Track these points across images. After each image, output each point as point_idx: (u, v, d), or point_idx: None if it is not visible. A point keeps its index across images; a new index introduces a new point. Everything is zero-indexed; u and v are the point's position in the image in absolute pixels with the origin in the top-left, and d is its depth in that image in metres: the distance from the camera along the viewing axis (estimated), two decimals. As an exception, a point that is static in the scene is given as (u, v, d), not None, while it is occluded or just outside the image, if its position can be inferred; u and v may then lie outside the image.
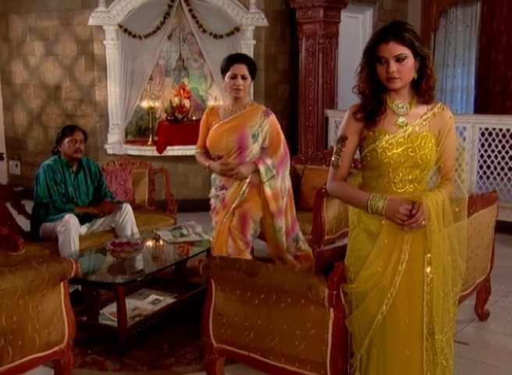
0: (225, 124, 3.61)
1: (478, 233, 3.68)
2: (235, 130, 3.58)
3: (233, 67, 3.56)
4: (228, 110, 3.67)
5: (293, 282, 2.67)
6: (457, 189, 2.54)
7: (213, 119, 3.67)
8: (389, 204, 2.38)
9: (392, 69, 2.33)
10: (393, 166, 2.42)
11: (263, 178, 3.60)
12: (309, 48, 7.20)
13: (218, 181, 3.70)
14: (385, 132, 2.42)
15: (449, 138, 2.46)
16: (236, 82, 3.55)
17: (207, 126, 3.69)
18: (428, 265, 2.42)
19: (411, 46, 2.33)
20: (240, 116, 3.61)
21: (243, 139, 3.58)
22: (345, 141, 2.48)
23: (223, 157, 3.63)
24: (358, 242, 2.52)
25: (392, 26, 2.34)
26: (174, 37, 7.21)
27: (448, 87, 9.16)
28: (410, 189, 2.47)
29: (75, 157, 4.72)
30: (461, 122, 6.28)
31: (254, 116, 3.63)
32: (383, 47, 2.32)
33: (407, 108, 2.45)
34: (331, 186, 2.57)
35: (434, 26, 8.98)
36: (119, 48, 6.91)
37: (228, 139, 3.58)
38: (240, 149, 3.59)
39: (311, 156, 5.78)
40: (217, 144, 3.63)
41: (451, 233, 2.49)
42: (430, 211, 2.37)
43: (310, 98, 7.29)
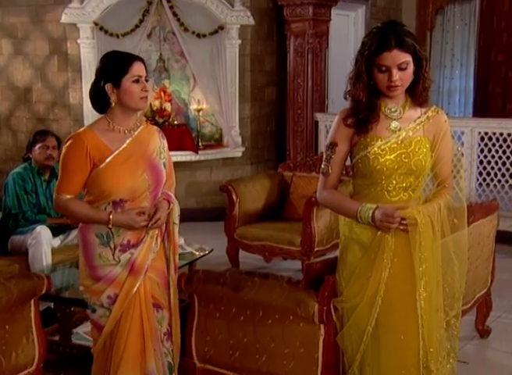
0: (125, 154, 2.69)
1: (478, 244, 3.71)
2: (144, 161, 2.73)
3: (134, 67, 2.69)
4: (115, 131, 2.72)
5: (281, 297, 2.68)
6: (455, 197, 2.57)
7: (97, 149, 2.66)
8: (376, 211, 2.41)
9: (395, 78, 2.36)
10: (386, 173, 2.44)
11: (174, 219, 2.89)
12: (298, 48, 7.24)
13: (119, 239, 2.73)
14: (377, 137, 2.45)
15: (444, 143, 2.50)
16: (144, 88, 2.70)
17: (89, 162, 2.66)
18: (421, 287, 2.45)
19: (413, 52, 2.38)
20: (139, 140, 2.75)
21: (158, 172, 2.78)
22: (335, 148, 2.51)
23: (126, 202, 2.71)
24: (350, 254, 2.54)
25: (393, 32, 2.36)
26: (154, 36, 7.22)
27: (445, 89, 9.24)
28: (405, 197, 2.50)
29: (47, 164, 4.70)
30: (459, 126, 6.34)
31: (153, 138, 2.82)
32: (386, 55, 2.34)
33: (401, 111, 2.48)
34: (321, 195, 2.60)
35: (430, 24, 9.05)
36: (95, 48, 6.89)
37: (141, 175, 2.71)
38: (156, 187, 2.79)
39: (300, 163, 5.81)
40: (124, 186, 2.68)
41: (448, 244, 2.53)
42: (419, 225, 2.40)
43: (299, 101, 7.33)
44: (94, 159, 2.65)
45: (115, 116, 2.71)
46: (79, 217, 2.76)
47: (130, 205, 2.72)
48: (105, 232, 2.72)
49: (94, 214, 2.70)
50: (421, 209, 2.42)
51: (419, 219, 2.39)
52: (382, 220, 2.39)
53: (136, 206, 2.72)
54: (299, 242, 4.91)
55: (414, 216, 2.39)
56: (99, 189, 2.68)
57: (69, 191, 2.71)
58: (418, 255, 2.43)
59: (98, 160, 2.65)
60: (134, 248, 2.75)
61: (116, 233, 2.73)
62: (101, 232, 2.73)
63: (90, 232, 2.75)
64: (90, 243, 2.74)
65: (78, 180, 2.69)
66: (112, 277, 2.74)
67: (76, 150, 2.65)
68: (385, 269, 2.45)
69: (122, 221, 2.69)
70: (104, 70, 2.69)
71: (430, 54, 9.05)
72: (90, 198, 2.73)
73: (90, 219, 2.71)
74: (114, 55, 2.75)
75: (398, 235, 2.44)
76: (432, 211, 2.44)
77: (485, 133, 6.37)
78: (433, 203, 2.47)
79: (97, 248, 2.73)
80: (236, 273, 3.73)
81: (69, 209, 2.73)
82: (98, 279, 2.75)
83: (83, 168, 2.66)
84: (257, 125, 7.63)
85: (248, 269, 5.00)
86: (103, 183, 2.66)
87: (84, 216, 2.72)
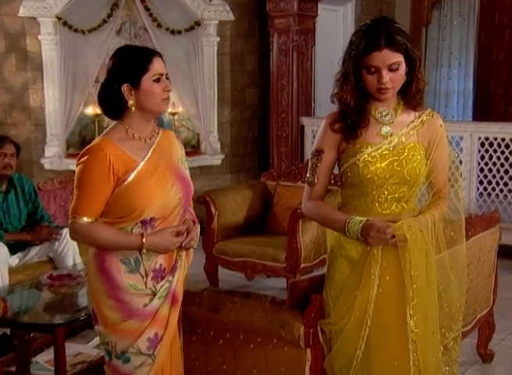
0: (152, 164, 2.55)
1: (478, 259, 3.73)
2: (171, 171, 2.60)
3: (155, 64, 2.54)
4: (135, 140, 2.57)
5: (264, 319, 2.69)
6: (453, 208, 2.60)
7: (122, 161, 2.50)
8: (366, 226, 2.42)
9: (385, 79, 2.38)
10: (377, 182, 2.46)
11: (196, 242, 2.74)
12: (282, 46, 7.29)
13: (150, 263, 2.57)
14: (367, 144, 2.48)
15: (440, 149, 2.53)
16: (166, 87, 2.58)
17: (113, 177, 2.49)
18: (411, 315, 2.45)
19: (405, 51, 2.40)
20: (161, 148, 2.62)
21: (187, 183, 2.66)
22: (321, 155, 2.53)
23: (157, 221, 2.56)
24: (338, 271, 2.56)
25: (383, 29, 2.38)
26: (124, 33, 7.23)
27: (442, 91, 9.32)
28: (397, 209, 2.52)
29: (4, 174, 4.68)
30: (458, 130, 6.40)
31: (174, 145, 2.71)
32: (375, 55, 2.36)
33: (392, 115, 2.51)
34: (306, 206, 2.62)
35: (426, 19, 9.14)
36: (58, 45, 6.87)
37: (172, 188, 2.58)
38: (186, 201, 2.66)
39: (285, 171, 5.84)
40: (156, 202, 2.53)
41: (444, 260, 2.56)
42: (408, 242, 2.41)
43: (283, 103, 7.37)
44: (119, 173, 2.47)
45: (133, 122, 2.55)
46: (104, 244, 2.53)
47: (162, 224, 2.55)
48: (134, 257, 2.53)
49: (123, 239, 2.51)
50: (412, 223, 2.44)
51: (408, 235, 2.41)
52: (373, 236, 2.41)
53: (167, 225, 2.56)
54: (283, 258, 4.92)
55: (403, 231, 2.41)
56: (126, 208, 2.48)
57: (90, 214, 2.49)
58: (409, 274, 2.44)
59: (123, 174, 2.47)
60: (171, 274, 2.59)
61: (146, 258, 2.55)
62: (128, 257, 2.53)
63: (113, 258, 2.53)
64: (115, 272, 2.52)
65: (100, 199, 2.49)
66: (150, 312, 2.52)
67: (97, 164, 2.45)
68: (373, 287, 2.47)
69: (157, 244, 2.52)
70: (119, 69, 2.51)
71: (426, 52, 9.13)
72: (111, 219, 2.51)
73: (120, 245, 2.52)
74: (129, 50, 2.61)
75: (387, 250, 2.46)
76: (424, 224, 2.46)
77: (486, 138, 6.42)
78: (426, 215, 2.49)
79: (125, 276, 2.52)
80: (214, 293, 3.73)
81: (92, 236, 2.51)
82: (130, 314, 2.51)
83: (106, 184, 2.47)
84: (237, 130, 7.65)
85: (228, 287, 5.00)
86: (132, 201, 2.47)
87: (112, 242, 2.51)
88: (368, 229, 2.41)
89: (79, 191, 2.51)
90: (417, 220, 2.47)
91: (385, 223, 2.42)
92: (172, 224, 2.58)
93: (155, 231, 2.53)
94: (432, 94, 9.15)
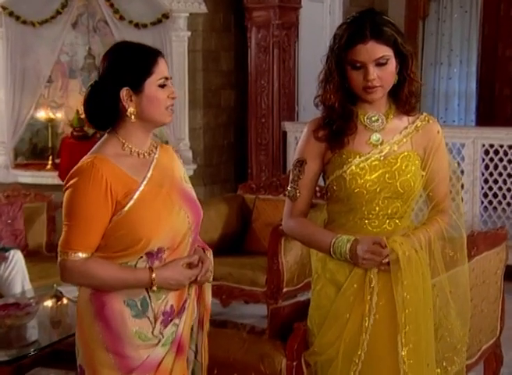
0: (154, 184, 2.43)
1: (482, 282, 3.73)
2: (177, 192, 2.49)
3: (160, 66, 2.43)
4: (132, 156, 2.43)
5: (241, 350, 2.69)
6: (454, 224, 2.61)
7: (120, 182, 2.36)
8: (354, 246, 2.42)
9: (372, 76, 2.39)
10: (367, 197, 2.47)
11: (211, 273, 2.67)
12: (261, 42, 7.31)
13: (160, 304, 2.42)
14: (354, 153, 2.48)
15: (437, 158, 2.55)
16: (171, 93, 2.45)
17: (111, 202, 2.34)
18: (403, 344, 2.45)
19: (394, 44, 2.41)
20: (162, 165, 2.49)
21: (195, 205, 2.54)
22: (303, 166, 2.54)
23: (165, 252, 2.42)
24: (323, 297, 2.56)
25: (369, 20, 2.40)
26: (81, 26, 7.22)
27: (442, 92, 9.39)
28: (390, 227, 2.52)
29: None
30: (459, 137, 6.45)
31: (175, 162, 2.60)
32: (360, 48, 2.38)
33: (383, 121, 2.52)
34: (287, 224, 2.63)
35: (423, 12, 9.21)
36: (4, 38, 6.86)
37: (180, 212, 2.45)
38: (196, 227, 2.53)
39: (265, 183, 5.85)
40: (164, 229, 2.39)
41: (443, 284, 2.56)
42: (400, 260, 2.42)
43: (262, 107, 7.39)
44: (118, 196, 2.32)
45: (130, 135, 2.41)
46: (105, 284, 2.36)
47: (170, 256, 2.41)
48: (140, 297, 2.38)
49: (128, 275, 2.34)
50: (404, 241, 2.45)
51: (400, 252, 2.41)
52: (366, 258, 2.41)
53: (177, 257, 2.42)
54: (264, 281, 4.92)
55: (396, 250, 2.41)
56: (129, 238, 2.33)
57: (85, 248, 2.33)
58: (401, 297, 2.45)
59: (123, 197, 2.33)
60: (178, 316, 2.45)
61: (155, 297, 2.39)
62: (134, 298, 2.37)
63: (114, 300, 2.37)
64: (117, 317, 2.35)
65: (97, 229, 2.33)
66: (153, 364, 2.38)
67: (91, 186, 2.29)
68: (370, 316, 2.47)
69: (169, 279, 2.37)
70: (118, 69, 2.37)
71: (423, 49, 9.20)
72: (110, 254, 2.35)
73: (125, 283, 2.35)
74: (131, 47, 2.45)
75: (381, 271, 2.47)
76: (418, 242, 2.47)
77: (491, 145, 6.47)
78: (418, 233, 2.50)
79: (130, 322, 2.35)
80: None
81: (90, 274, 2.33)
82: (130, 370, 2.36)
83: (103, 211, 2.31)
84: (211, 137, 7.65)
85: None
86: (136, 229, 2.31)
87: (116, 280, 2.34)
88: (360, 250, 2.40)
89: (70, 220, 2.33)
90: (410, 237, 2.47)
91: (378, 240, 2.42)
92: (182, 255, 2.44)
93: (165, 264, 2.38)
94: (429, 95, 9.21)
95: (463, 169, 6.29)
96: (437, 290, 2.58)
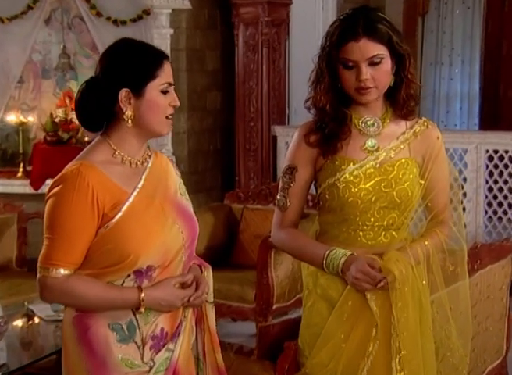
0: (146, 195, 2.39)
1: (487, 298, 3.74)
2: (170, 205, 2.46)
3: (166, 69, 2.39)
4: (123, 164, 2.39)
5: (228, 372, 2.67)
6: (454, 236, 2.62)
7: (108, 192, 2.31)
8: (349, 261, 2.42)
9: (365, 76, 2.40)
10: (361, 207, 2.48)
11: (209, 296, 2.59)
12: (249, 41, 7.33)
13: (149, 327, 2.38)
14: (348, 160, 2.49)
15: (437, 166, 2.56)
16: (174, 101, 2.41)
17: (97, 214, 2.29)
18: (397, 371, 2.45)
19: (389, 43, 2.42)
20: (155, 175, 2.46)
21: (191, 219, 2.56)
22: (294, 174, 2.55)
23: (155, 270, 2.37)
24: (315, 314, 2.56)
25: (362, 17, 2.42)
26: (54, 22, 7.21)
27: (443, 94, 9.42)
28: (386, 240, 2.53)
29: None
30: (461, 142, 6.47)
31: (170, 172, 2.57)
32: (352, 46, 2.40)
33: (379, 125, 2.53)
34: (277, 235, 2.64)
35: (422, 8, 9.25)
36: (-30, 36, 6.87)
37: (173, 226, 2.43)
38: (191, 243, 2.54)
39: (254, 192, 5.85)
40: (154, 244, 2.35)
41: (443, 300, 2.57)
42: (396, 279, 2.41)
43: (251, 110, 7.40)
44: (105, 208, 2.27)
45: (123, 141, 2.37)
46: (88, 304, 2.31)
47: (161, 274, 2.36)
48: (126, 320, 2.33)
49: (114, 294, 2.29)
50: (399, 257, 2.45)
51: (397, 272, 2.41)
52: (359, 278, 2.41)
53: (169, 276, 2.37)
54: (252, 297, 4.92)
55: (392, 270, 2.41)
56: (116, 254, 2.27)
57: (68, 263, 2.27)
58: (396, 319, 2.44)
59: (111, 209, 2.28)
60: (173, 340, 2.39)
61: (143, 320, 2.34)
62: (119, 321, 2.32)
63: (99, 323, 2.32)
64: (101, 342, 2.31)
65: (81, 243, 2.28)
66: None
67: (76, 195, 2.25)
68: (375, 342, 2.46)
69: (159, 300, 2.33)
70: (119, 68, 2.34)
71: (422, 47, 9.24)
72: (94, 270, 2.30)
73: (110, 303, 2.30)
74: (136, 46, 2.41)
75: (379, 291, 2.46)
76: (415, 257, 2.47)
77: (495, 151, 6.51)
78: (416, 246, 2.51)
79: (115, 348, 2.30)
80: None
81: (73, 293, 2.28)
82: None
83: (88, 223, 2.26)
84: (196, 142, 7.65)
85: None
86: (124, 244, 2.26)
87: (100, 300, 2.29)
88: (353, 269, 2.41)
89: (51, 232, 2.29)
90: (404, 253, 2.47)
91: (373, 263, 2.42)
92: (174, 274, 2.40)
93: (155, 283, 2.34)
94: (429, 97, 9.23)
95: (465, 177, 6.32)
96: (436, 306, 2.59)
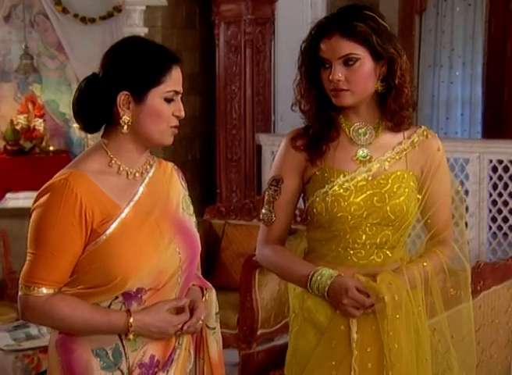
0: (141, 211, 2.37)
1: (491, 322, 3.74)
2: (169, 222, 2.42)
3: (174, 75, 2.35)
4: (119, 175, 2.36)
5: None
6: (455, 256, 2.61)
7: (98, 205, 2.29)
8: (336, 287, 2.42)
9: (335, 76, 2.42)
10: (351, 223, 2.47)
11: (210, 319, 2.57)
12: (231, 41, 7.33)
13: (136, 355, 2.37)
14: (338, 171, 2.49)
15: (438, 180, 2.56)
16: (177, 111, 2.38)
17: (85, 229, 2.28)
18: None
19: (366, 42, 2.43)
20: (155, 187, 2.44)
21: (192, 238, 2.48)
22: (280, 185, 2.55)
23: (146, 293, 2.35)
24: (302, 340, 2.56)
25: (341, 14, 2.46)
26: (15, 20, 7.21)
27: (442, 99, 9.44)
28: (379, 259, 2.53)
29: None
30: (462, 151, 6.48)
31: (173, 183, 2.54)
32: (325, 43, 2.43)
33: (372, 134, 2.54)
34: (261, 253, 2.64)
35: (419, 5, 9.28)
36: None
37: (169, 246, 2.38)
38: (190, 264, 2.46)
39: (236, 206, 5.86)
40: (146, 266, 2.32)
41: (443, 327, 2.57)
42: (387, 305, 2.42)
43: (233, 116, 7.40)
44: (94, 223, 2.25)
45: (120, 148, 2.34)
46: (72, 326, 2.29)
47: (153, 297, 2.34)
48: (112, 346, 2.32)
49: (100, 318, 2.27)
50: (393, 280, 2.45)
51: (387, 297, 2.41)
52: (346, 304, 2.41)
53: (162, 299, 2.34)
54: (235, 322, 4.91)
55: (382, 293, 2.41)
56: (103, 274, 2.26)
57: (51, 282, 2.27)
58: (388, 348, 2.44)
59: (100, 224, 2.26)
60: (163, 370, 2.38)
61: (132, 347, 2.33)
62: (104, 346, 2.31)
63: (82, 348, 2.32)
64: (84, 369, 2.30)
65: (66, 260, 2.26)
66: None
67: (62, 207, 2.23)
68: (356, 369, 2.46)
69: (149, 326, 2.30)
70: (121, 68, 2.31)
71: (420, 48, 9.27)
72: (80, 290, 2.29)
73: (95, 326, 2.28)
74: (143, 46, 2.38)
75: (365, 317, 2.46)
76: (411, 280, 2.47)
77: (499, 161, 6.53)
78: (413, 267, 2.51)
79: None
80: None
81: (55, 314, 2.27)
82: None
83: (75, 238, 2.25)
84: (173, 151, 7.62)
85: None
86: (112, 264, 2.24)
87: (84, 322, 2.27)
88: (340, 293, 2.41)
89: (35, 248, 2.27)
90: (400, 275, 2.47)
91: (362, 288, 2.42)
92: (168, 297, 2.37)
93: (147, 307, 2.31)
94: (428, 103, 9.25)
95: (467, 189, 6.32)
96: (438, 334, 2.58)
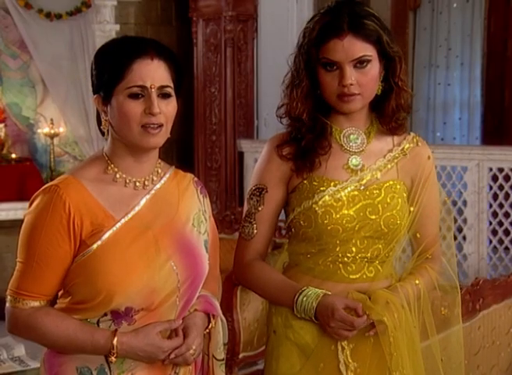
0: (138, 225, 2.35)
1: (492, 344, 3.74)
2: (170, 238, 2.40)
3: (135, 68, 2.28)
4: (118, 183, 2.36)
5: None
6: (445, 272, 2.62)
7: (89, 215, 2.29)
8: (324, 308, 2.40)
9: (349, 80, 2.39)
10: (342, 236, 2.47)
11: (216, 350, 2.61)
12: (210, 39, 7.37)
13: None
14: (328, 180, 2.48)
15: (428, 191, 2.56)
16: (148, 108, 2.30)
17: (73, 239, 2.30)
18: None
19: (377, 42, 2.42)
20: (161, 200, 2.42)
21: (196, 257, 2.47)
22: (263, 195, 2.54)
23: (138, 313, 2.34)
24: (284, 363, 2.55)
25: (348, 10, 2.41)
26: (-28, 16, 7.22)
27: (438, 102, 9.47)
28: (370, 274, 2.53)
29: None
30: (460, 158, 6.50)
31: (187, 196, 2.51)
32: (335, 44, 2.39)
33: (364, 141, 2.53)
34: (240, 270, 2.67)
35: (414, 1, 9.33)
36: None
37: (165, 264, 2.36)
38: (191, 285, 2.45)
39: (216, 218, 5.78)
40: (136, 284, 2.31)
41: (433, 349, 2.56)
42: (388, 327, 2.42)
43: (213, 121, 7.42)
44: (82, 234, 2.27)
45: (115, 154, 2.36)
46: (55, 342, 2.31)
47: (146, 318, 2.33)
48: (97, 366, 2.32)
49: (85, 337, 2.26)
50: (390, 298, 2.44)
51: (386, 317, 2.40)
52: (336, 327, 2.40)
53: (156, 320, 2.34)
54: (215, 345, 4.91)
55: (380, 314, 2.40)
56: (87, 288, 2.28)
57: (37, 294, 2.29)
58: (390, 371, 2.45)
59: (89, 235, 2.27)
60: None
61: (118, 369, 2.33)
62: (89, 365, 2.32)
63: (65, 365, 2.34)
64: None
65: (54, 271, 2.29)
66: None
67: (50, 217, 2.25)
68: None
69: (136, 349, 2.29)
70: (92, 71, 2.36)
71: (414, 47, 9.32)
72: (67, 304, 2.34)
73: (78, 344, 2.28)
74: (112, 42, 2.39)
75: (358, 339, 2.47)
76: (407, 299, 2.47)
77: (500, 169, 6.55)
78: (406, 285, 2.51)
79: None
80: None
81: (38, 328, 2.29)
82: None
83: (62, 249, 2.27)
84: (146, 159, 7.64)
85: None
86: (96, 279, 2.25)
87: (67, 339, 2.28)
88: (326, 316, 2.40)
89: (24, 257, 2.30)
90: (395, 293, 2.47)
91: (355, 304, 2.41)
92: (165, 319, 2.36)
93: (137, 329, 2.30)
94: (423, 106, 9.26)
95: (465, 200, 6.35)
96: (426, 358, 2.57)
